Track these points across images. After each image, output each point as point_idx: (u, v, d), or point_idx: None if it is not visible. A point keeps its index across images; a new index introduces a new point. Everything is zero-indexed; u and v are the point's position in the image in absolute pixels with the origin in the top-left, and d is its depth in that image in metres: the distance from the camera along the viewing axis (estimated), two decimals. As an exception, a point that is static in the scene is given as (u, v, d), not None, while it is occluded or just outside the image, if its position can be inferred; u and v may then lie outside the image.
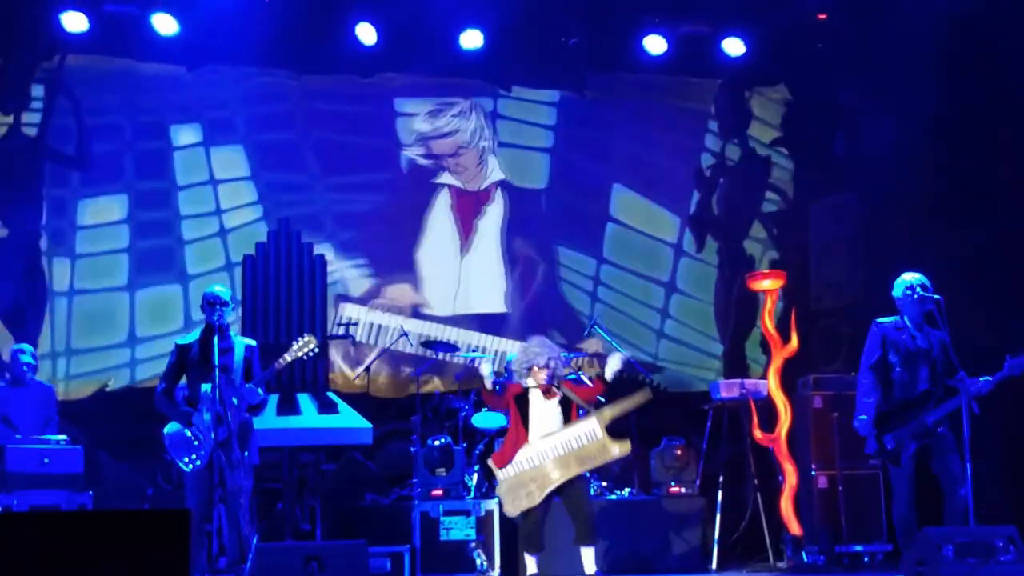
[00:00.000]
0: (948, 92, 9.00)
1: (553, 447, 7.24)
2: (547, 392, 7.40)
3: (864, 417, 7.38)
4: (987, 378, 7.14)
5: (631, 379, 9.18)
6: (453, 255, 10.67)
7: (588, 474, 7.65)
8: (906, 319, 7.42)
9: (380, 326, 10.40)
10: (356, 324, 10.32)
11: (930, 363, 7.35)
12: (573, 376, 8.28)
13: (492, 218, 10.77)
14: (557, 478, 7.20)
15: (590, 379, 8.31)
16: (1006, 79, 9.01)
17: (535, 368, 7.37)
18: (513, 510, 7.38)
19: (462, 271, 10.67)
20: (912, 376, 7.36)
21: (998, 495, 8.27)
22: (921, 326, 7.40)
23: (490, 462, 7.45)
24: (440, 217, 10.69)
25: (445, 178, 10.71)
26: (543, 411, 7.39)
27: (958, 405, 7.13)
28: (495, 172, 10.81)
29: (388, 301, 10.48)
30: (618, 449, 7.27)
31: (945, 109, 9.09)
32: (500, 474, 7.34)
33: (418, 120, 10.68)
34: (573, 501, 7.27)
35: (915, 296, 7.34)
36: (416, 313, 10.51)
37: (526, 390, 7.43)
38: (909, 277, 7.41)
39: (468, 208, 10.74)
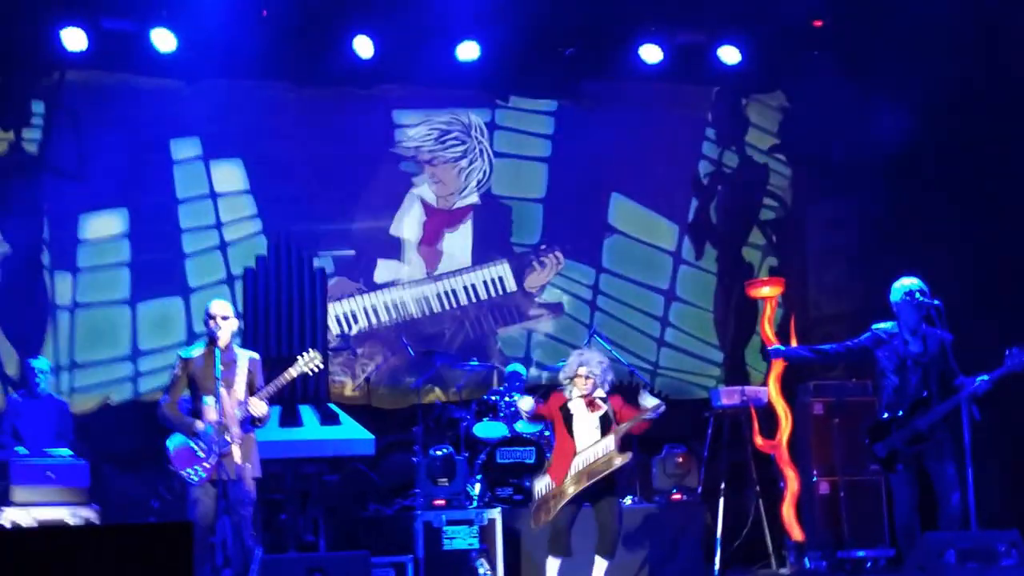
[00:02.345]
0: (946, 95, 9.03)
1: (574, 464, 7.34)
2: (590, 404, 7.42)
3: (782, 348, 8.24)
4: (984, 377, 7.15)
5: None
6: (419, 272, 10.62)
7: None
8: (901, 325, 7.43)
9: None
10: (353, 335, 10.35)
11: (923, 368, 7.35)
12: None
13: (462, 237, 10.73)
14: (571, 492, 7.29)
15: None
16: (1004, 84, 9.03)
17: (580, 377, 7.39)
18: (536, 525, 7.52)
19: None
20: (903, 382, 7.36)
21: (1000, 499, 8.28)
22: (916, 331, 7.40)
23: (546, 478, 7.43)
24: (410, 229, 10.63)
25: (423, 191, 10.69)
26: (586, 424, 7.41)
27: (954, 406, 7.14)
28: (472, 195, 10.78)
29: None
30: (620, 460, 7.34)
31: (942, 112, 9.12)
32: (538, 491, 7.44)
33: (410, 132, 10.66)
34: (603, 513, 7.36)
35: (914, 301, 7.33)
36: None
37: (568, 400, 7.46)
38: (908, 282, 7.40)
39: (439, 225, 10.67)
